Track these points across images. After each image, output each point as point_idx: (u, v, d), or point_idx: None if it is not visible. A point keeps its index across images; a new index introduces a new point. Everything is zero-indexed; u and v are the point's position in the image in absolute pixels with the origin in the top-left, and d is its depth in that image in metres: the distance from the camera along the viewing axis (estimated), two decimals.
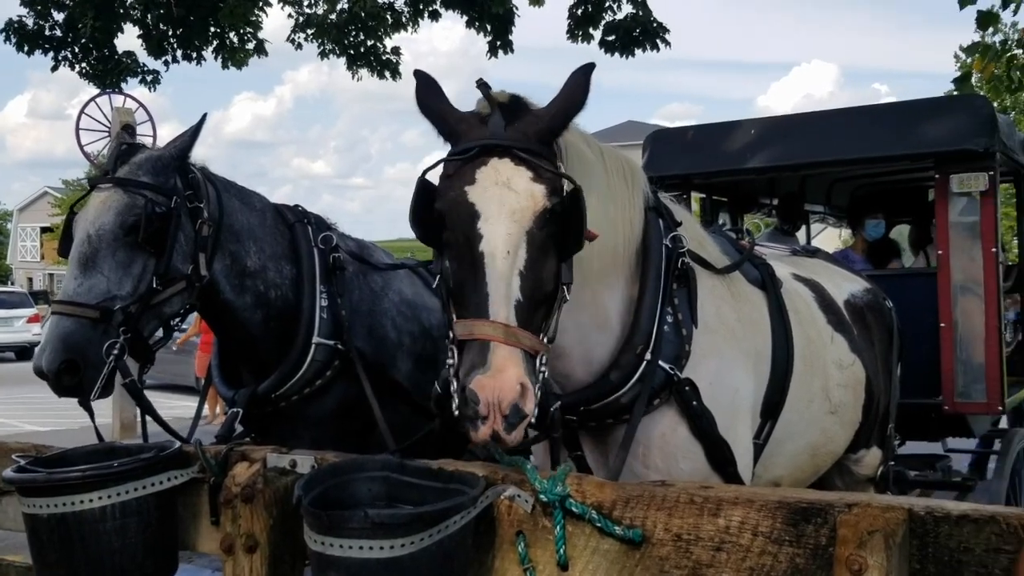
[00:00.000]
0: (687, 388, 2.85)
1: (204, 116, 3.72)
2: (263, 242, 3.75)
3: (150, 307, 3.37)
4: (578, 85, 2.53)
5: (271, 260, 3.75)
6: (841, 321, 3.99)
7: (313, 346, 3.70)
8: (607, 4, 11.57)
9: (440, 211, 2.43)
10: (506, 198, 2.36)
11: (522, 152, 2.41)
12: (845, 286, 4.40)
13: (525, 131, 2.45)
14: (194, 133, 3.62)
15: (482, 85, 2.58)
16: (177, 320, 3.57)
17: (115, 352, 3.26)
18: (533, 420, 2.28)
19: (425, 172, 2.52)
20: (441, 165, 2.49)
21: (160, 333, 3.55)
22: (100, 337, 3.25)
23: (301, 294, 3.76)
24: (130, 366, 3.40)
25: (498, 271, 2.31)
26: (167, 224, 3.40)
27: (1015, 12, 6.56)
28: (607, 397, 2.82)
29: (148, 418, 3.60)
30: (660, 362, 2.83)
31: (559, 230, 2.41)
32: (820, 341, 3.69)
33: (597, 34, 11.73)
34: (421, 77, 2.64)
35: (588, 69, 2.55)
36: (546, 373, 2.36)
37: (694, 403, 2.86)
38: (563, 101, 2.53)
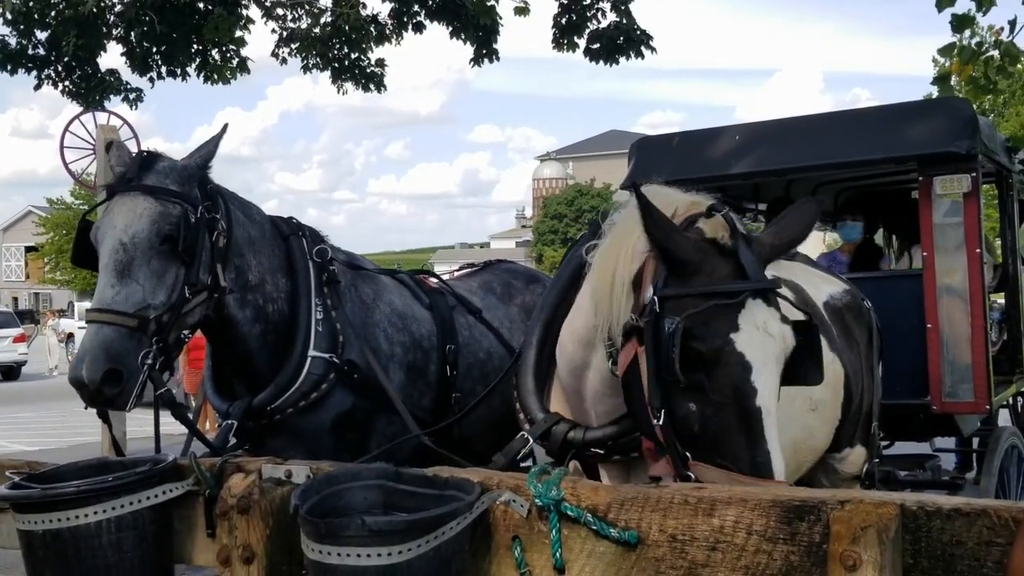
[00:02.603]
0: None
1: (225, 126, 3.73)
2: (262, 255, 3.76)
3: (179, 317, 3.36)
4: (806, 216, 2.56)
5: (269, 273, 3.76)
6: (820, 320, 4.02)
7: (309, 359, 3.71)
8: (591, 13, 11.62)
9: (700, 354, 2.32)
10: (767, 345, 2.32)
11: (773, 293, 2.37)
12: (824, 288, 4.44)
13: (762, 264, 2.40)
14: (216, 143, 3.63)
15: (715, 208, 2.46)
16: (188, 332, 3.55)
17: (148, 362, 3.24)
18: None
19: (686, 317, 2.32)
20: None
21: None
22: (136, 346, 3.23)
23: (297, 307, 3.76)
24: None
25: (772, 427, 2.29)
26: (198, 233, 3.40)
27: (984, 14, 6.63)
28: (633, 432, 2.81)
29: (162, 429, 3.59)
30: None
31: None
32: None
33: (581, 43, 11.79)
34: (641, 197, 2.43)
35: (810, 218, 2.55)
36: None
37: None
38: (790, 228, 2.54)
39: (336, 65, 12.24)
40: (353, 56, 12.24)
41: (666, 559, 2.06)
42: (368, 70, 12.40)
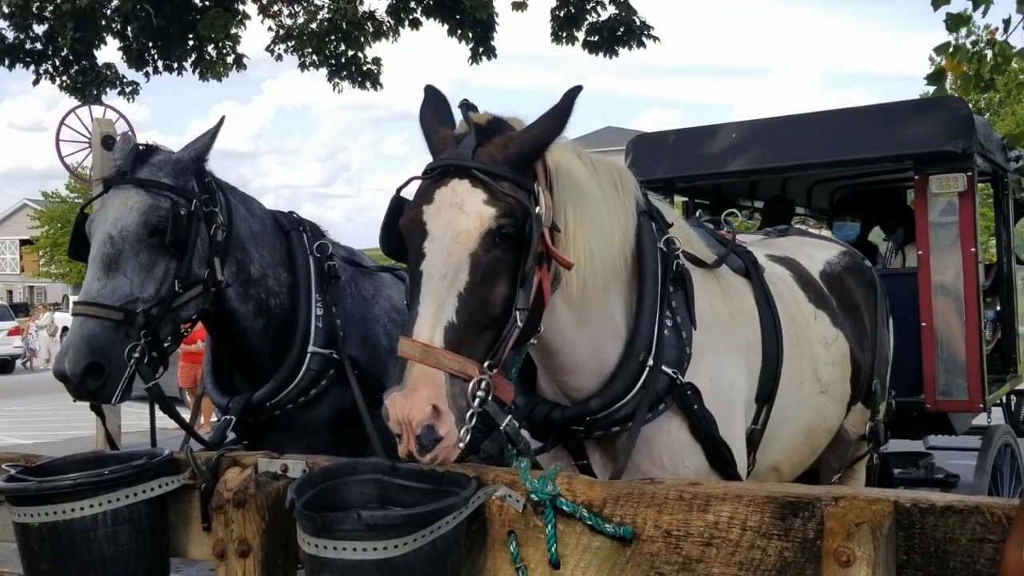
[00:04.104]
0: (689, 392, 2.90)
1: (222, 119, 3.69)
2: (264, 249, 3.74)
3: (169, 310, 3.34)
4: (558, 110, 2.51)
5: (271, 268, 3.74)
6: (821, 296, 4.01)
7: (308, 355, 3.70)
8: (590, 6, 11.62)
9: (400, 229, 2.46)
10: (455, 219, 2.36)
11: (481, 173, 2.40)
12: (819, 255, 4.42)
13: (494, 153, 2.44)
14: (212, 136, 3.60)
15: (464, 106, 2.58)
16: (187, 325, 3.53)
17: (135, 355, 3.22)
18: (462, 445, 2.24)
19: (399, 190, 2.56)
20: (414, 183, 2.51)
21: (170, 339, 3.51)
22: (123, 340, 3.22)
23: (297, 302, 3.75)
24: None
25: (431, 291, 2.32)
26: (189, 227, 3.38)
27: (984, 14, 6.64)
28: (612, 405, 2.85)
29: (157, 423, 3.58)
30: (663, 367, 2.86)
31: (515, 255, 2.39)
32: (804, 321, 3.73)
33: (580, 35, 11.77)
34: (428, 92, 2.68)
35: (572, 94, 2.52)
36: (488, 398, 2.29)
37: (695, 407, 2.90)
38: (540, 125, 2.52)
39: (332, 63, 12.21)
40: (349, 54, 12.21)
41: (661, 554, 2.08)
42: (364, 68, 12.38)
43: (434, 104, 2.66)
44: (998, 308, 6.60)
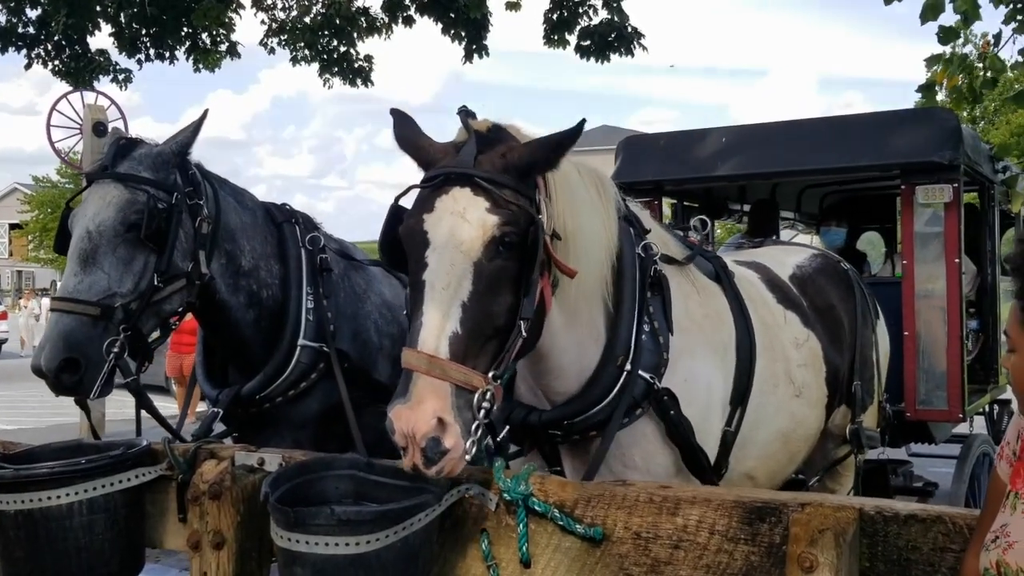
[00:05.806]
0: (666, 398, 2.90)
1: (206, 112, 3.67)
2: (255, 241, 3.73)
3: (150, 305, 3.33)
4: (566, 133, 2.49)
5: (262, 259, 3.73)
6: (789, 297, 4.00)
7: (298, 348, 3.69)
8: (582, 10, 11.63)
9: (401, 238, 2.44)
10: (457, 228, 2.34)
11: (484, 181, 2.38)
12: (790, 260, 4.43)
13: (495, 161, 2.43)
14: (195, 129, 3.58)
15: (463, 113, 2.58)
16: (175, 319, 3.53)
17: (115, 350, 3.22)
18: (469, 457, 2.22)
19: (397, 198, 2.53)
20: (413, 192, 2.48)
21: (157, 332, 3.51)
22: (100, 335, 3.21)
23: (288, 295, 3.74)
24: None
25: (435, 301, 2.29)
26: (169, 221, 3.36)
27: (967, 28, 6.66)
28: (591, 409, 2.86)
29: (143, 414, 3.59)
30: (640, 372, 2.87)
31: (517, 263, 2.38)
32: (775, 324, 3.73)
33: (573, 39, 11.78)
34: (397, 115, 2.68)
35: (579, 126, 2.51)
36: (492, 409, 2.29)
37: (672, 412, 2.91)
38: (548, 139, 2.50)
39: (324, 58, 12.18)
40: (342, 50, 12.18)
41: (630, 556, 2.10)
42: (356, 64, 12.35)
43: (405, 126, 2.65)
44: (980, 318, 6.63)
